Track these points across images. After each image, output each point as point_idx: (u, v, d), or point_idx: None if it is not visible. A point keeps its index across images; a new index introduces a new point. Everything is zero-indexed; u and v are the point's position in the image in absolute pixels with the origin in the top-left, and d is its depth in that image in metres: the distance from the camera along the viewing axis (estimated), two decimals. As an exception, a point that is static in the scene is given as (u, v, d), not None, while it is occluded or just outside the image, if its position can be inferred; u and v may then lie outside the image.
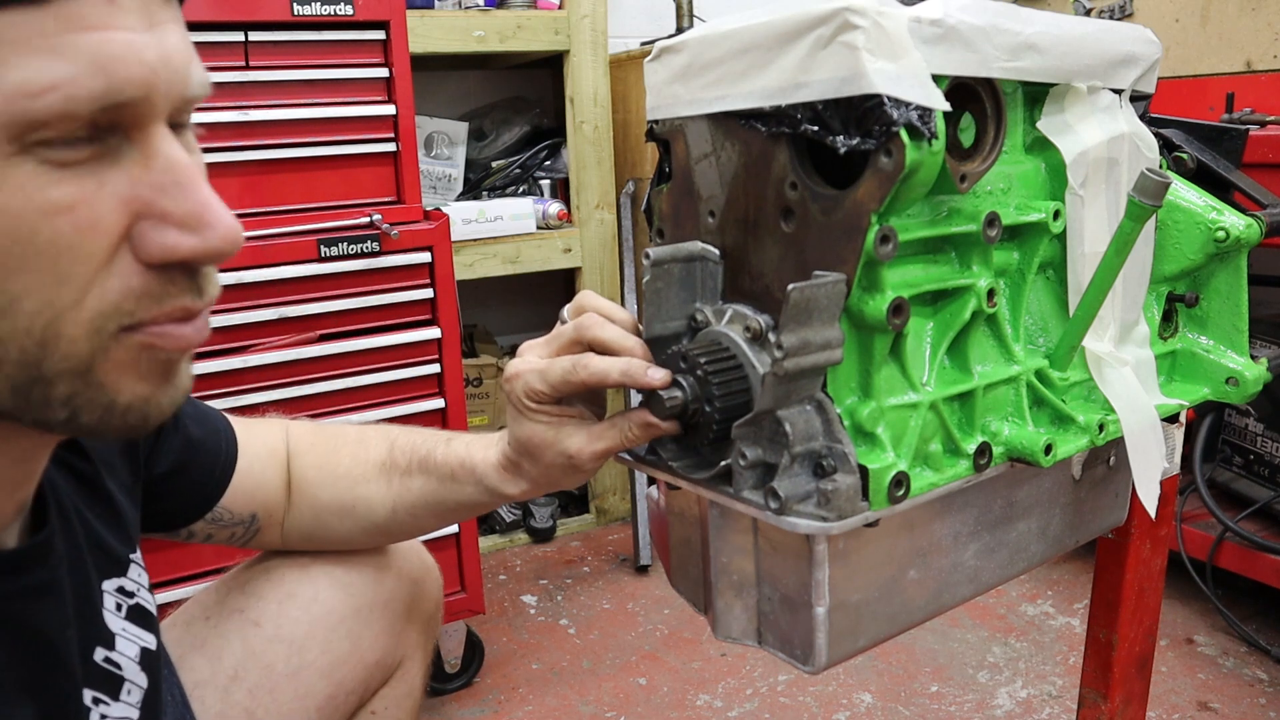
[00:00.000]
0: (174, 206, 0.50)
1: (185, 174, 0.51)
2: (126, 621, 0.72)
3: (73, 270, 0.48)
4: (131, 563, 0.76)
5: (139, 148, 0.50)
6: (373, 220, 1.68)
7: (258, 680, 0.91)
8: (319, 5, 1.60)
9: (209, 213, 0.51)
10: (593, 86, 2.31)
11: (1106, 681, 1.03)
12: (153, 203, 0.50)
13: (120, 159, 0.49)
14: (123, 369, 0.52)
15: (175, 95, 0.50)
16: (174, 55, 0.50)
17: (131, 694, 0.70)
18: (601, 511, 2.53)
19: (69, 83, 0.45)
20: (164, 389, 0.54)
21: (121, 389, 0.52)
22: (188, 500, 0.88)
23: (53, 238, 0.47)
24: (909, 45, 0.60)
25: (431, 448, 0.90)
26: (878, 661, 1.85)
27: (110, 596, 0.72)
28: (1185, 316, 0.90)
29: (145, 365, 0.53)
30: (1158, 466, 0.80)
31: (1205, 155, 0.89)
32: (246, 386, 1.61)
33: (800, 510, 0.63)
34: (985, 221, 0.69)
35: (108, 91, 0.46)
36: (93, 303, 0.49)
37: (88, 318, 0.49)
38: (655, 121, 0.74)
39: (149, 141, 0.50)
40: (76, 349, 0.50)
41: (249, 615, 0.93)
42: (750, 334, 0.66)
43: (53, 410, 0.51)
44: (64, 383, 0.50)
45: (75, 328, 0.49)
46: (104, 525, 0.73)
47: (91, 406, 0.52)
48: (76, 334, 0.49)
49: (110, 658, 0.69)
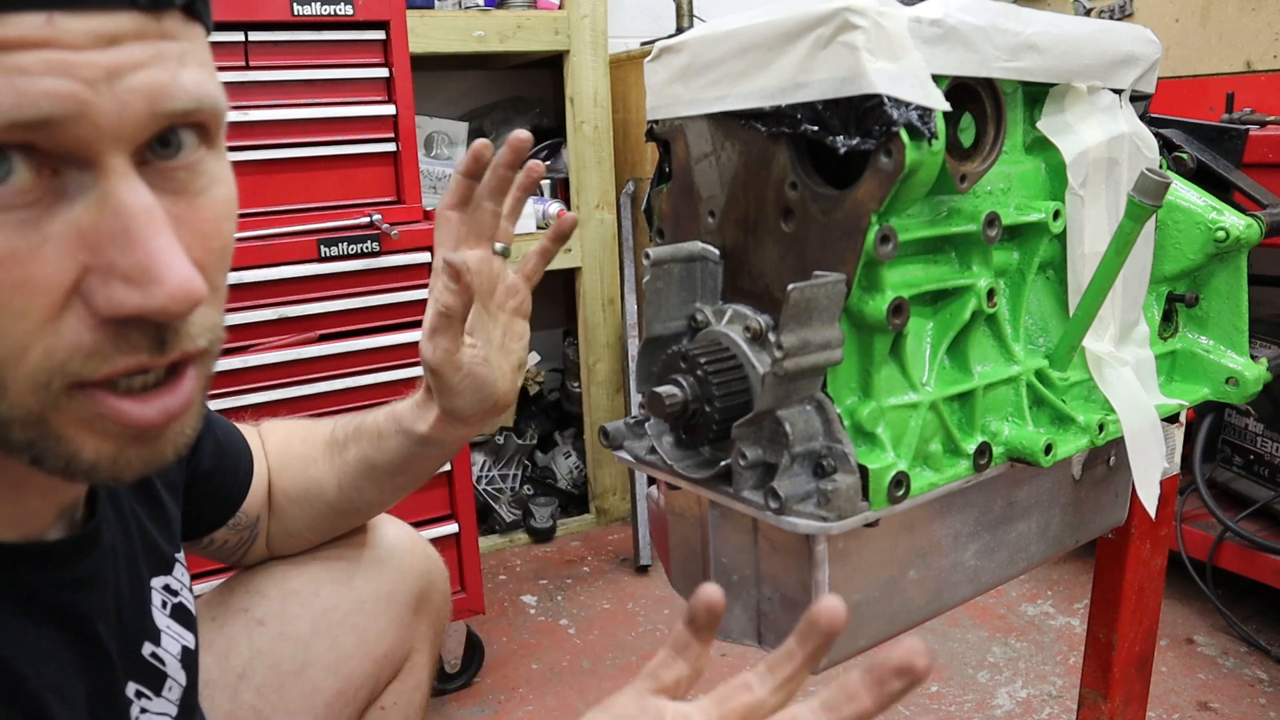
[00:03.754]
0: (120, 258, 0.45)
1: (134, 220, 0.45)
2: (170, 619, 0.73)
3: (7, 326, 0.45)
4: (176, 562, 0.77)
5: (98, 188, 0.45)
6: (373, 220, 1.68)
7: (265, 679, 0.91)
8: (319, 5, 1.60)
9: (156, 265, 0.45)
10: (593, 86, 2.31)
11: (1106, 681, 1.03)
12: (101, 252, 0.45)
13: (76, 197, 0.45)
14: (80, 426, 0.49)
15: (135, 116, 0.45)
16: (131, 68, 0.45)
17: (172, 691, 0.71)
18: (601, 511, 2.53)
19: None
20: (138, 450, 0.51)
21: (83, 445, 0.49)
22: (219, 502, 0.89)
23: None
24: (909, 45, 0.60)
25: (365, 414, 0.92)
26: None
27: (157, 594, 0.73)
28: (1185, 316, 0.90)
29: (103, 426, 0.49)
30: (1158, 466, 0.80)
31: (1205, 155, 0.89)
32: (246, 386, 1.61)
33: (800, 510, 0.63)
34: (985, 221, 0.69)
35: (16, 108, 0.42)
36: (35, 358, 0.46)
37: (28, 373, 0.46)
38: (655, 121, 0.74)
39: (105, 181, 0.45)
40: (24, 401, 0.47)
41: (253, 614, 0.93)
42: (750, 334, 0.66)
43: (17, 452, 0.49)
44: (19, 429, 0.48)
45: (16, 382, 0.46)
46: (153, 524, 0.74)
47: (52, 457, 0.49)
48: (20, 388, 0.46)
49: (156, 653, 0.70)
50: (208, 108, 0.49)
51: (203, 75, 0.49)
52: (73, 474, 0.50)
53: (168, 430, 0.52)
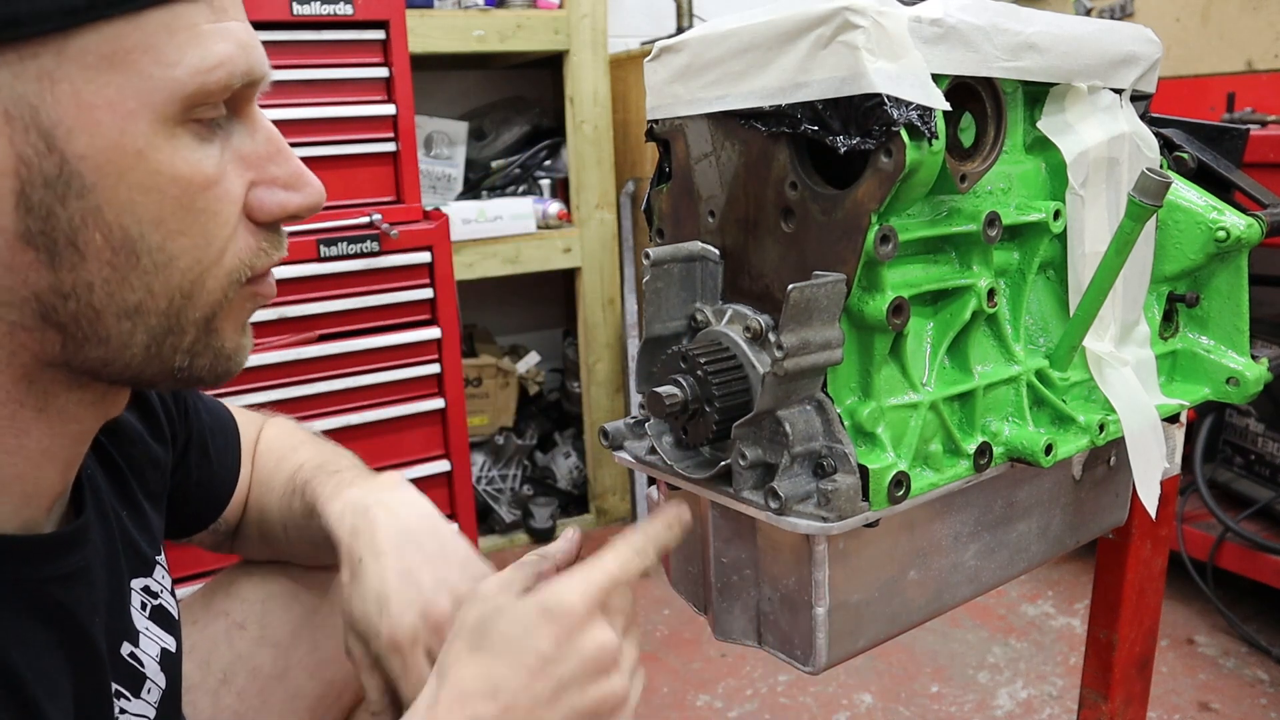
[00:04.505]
0: (280, 171, 0.58)
1: (282, 143, 0.59)
2: (149, 621, 0.73)
3: (216, 232, 0.56)
4: (157, 564, 0.77)
5: (242, 122, 0.57)
6: (372, 220, 1.68)
7: (246, 683, 0.91)
8: (319, 5, 1.60)
9: (305, 174, 0.59)
10: (593, 86, 2.31)
11: (1107, 682, 1.03)
12: (262, 169, 0.58)
13: (230, 136, 0.57)
14: (230, 319, 0.60)
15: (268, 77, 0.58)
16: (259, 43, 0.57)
17: (151, 693, 0.71)
18: (601, 511, 2.53)
19: (229, 60, 0.53)
20: (246, 339, 0.62)
21: (227, 337, 0.60)
22: (204, 506, 0.90)
23: (206, 205, 0.54)
24: (909, 45, 0.60)
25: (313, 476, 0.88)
26: (878, 662, 1.85)
27: (137, 595, 0.73)
28: (1186, 316, 0.90)
29: (242, 315, 0.61)
30: (1158, 467, 0.80)
31: (1206, 155, 0.89)
32: (247, 386, 1.60)
33: (800, 510, 0.63)
34: (985, 221, 0.69)
35: (250, 69, 0.55)
36: (229, 260, 0.57)
37: (225, 272, 0.57)
38: (655, 121, 0.74)
39: (251, 116, 0.58)
40: (213, 299, 0.57)
41: (234, 618, 0.93)
42: (750, 334, 0.66)
43: (177, 358, 0.58)
44: (192, 332, 0.57)
45: (215, 281, 0.57)
46: (134, 526, 0.74)
47: (206, 352, 0.59)
48: (215, 286, 0.57)
49: (135, 653, 0.70)
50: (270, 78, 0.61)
51: None
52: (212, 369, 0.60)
53: None
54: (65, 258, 0.51)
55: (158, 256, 0.53)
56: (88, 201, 0.50)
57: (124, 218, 0.52)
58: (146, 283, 0.54)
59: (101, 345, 0.55)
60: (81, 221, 0.51)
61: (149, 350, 0.56)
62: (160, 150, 0.52)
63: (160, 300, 0.55)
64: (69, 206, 0.50)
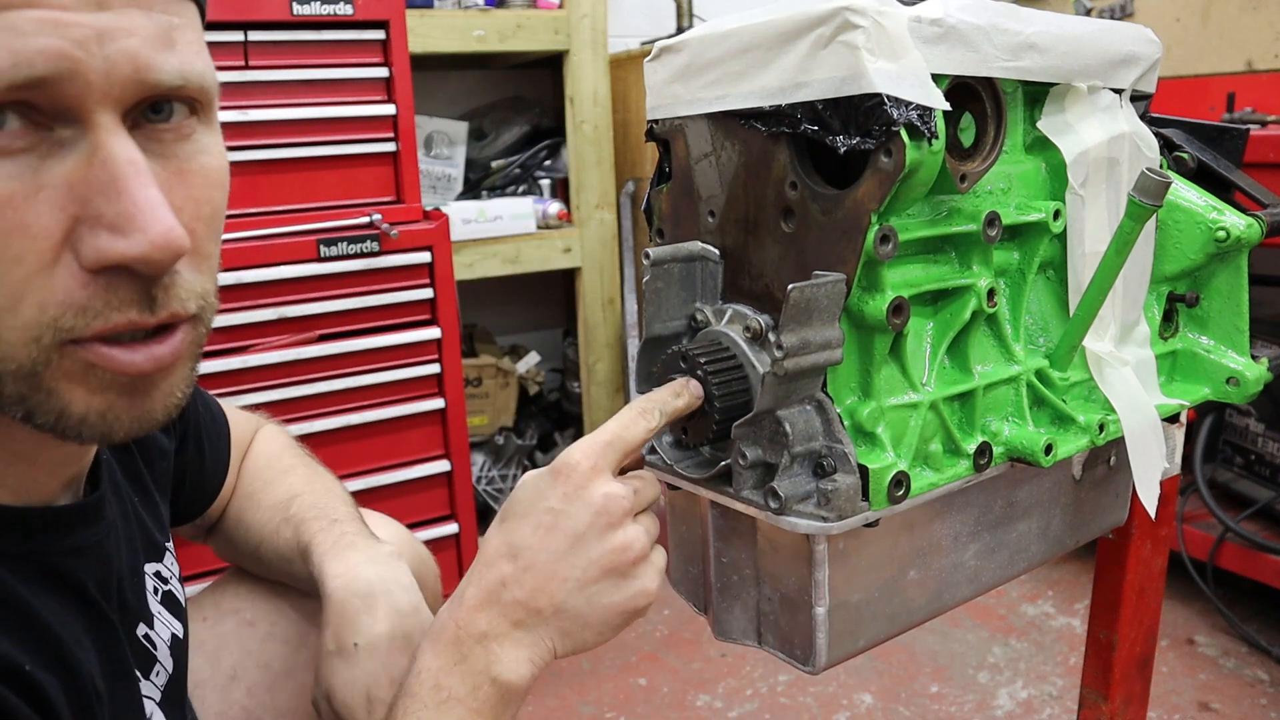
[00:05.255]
0: (106, 207, 0.47)
1: (121, 170, 0.47)
2: (161, 606, 0.74)
3: (2, 273, 0.46)
4: (167, 551, 0.78)
5: (88, 140, 0.47)
6: (372, 220, 1.68)
7: (256, 679, 0.91)
8: (319, 5, 1.60)
9: (140, 214, 0.47)
10: (593, 86, 2.31)
11: (1107, 682, 1.03)
12: (89, 203, 0.47)
13: (68, 153, 0.47)
14: (72, 379, 0.50)
15: (122, 78, 0.47)
16: (121, 34, 0.47)
17: (159, 676, 0.72)
18: (601, 511, 2.53)
19: None
20: (126, 405, 0.52)
21: (73, 400, 0.50)
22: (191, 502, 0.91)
23: None
24: (909, 45, 0.60)
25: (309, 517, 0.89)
26: (878, 662, 1.85)
27: (150, 579, 0.74)
28: (1186, 316, 0.90)
29: (97, 380, 0.50)
30: (1158, 466, 0.80)
31: (1206, 155, 0.89)
32: (246, 386, 1.61)
33: (800, 510, 0.63)
34: (985, 221, 0.69)
35: (14, 67, 0.44)
36: (29, 311, 0.47)
37: (22, 324, 0.47)
38: (655, 121, 0.74)
39: (94, 135, 0.47)
40: (16, 354, 0.48)
41: (244, 615, 0.93)
42: (750, 334, 0.66)
43: (9, 406, 0.50)
44: (11, 383, 0.49)
45: (11, 333, 0.47)
46: (146, 512, 0.75)
47: (42, 411, 0.50)
48: (13, 339, 0.48)
49: (149, 636, 0.71)
50: (194, 85, 0.51)
51: (190, 53, 0.51)
52: (63, 430, 0.51)
53: (158, 385, 0.52)
54: None
55: None
56: None
57: None
58: None
59: None
60: None
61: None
62: None
63: None
64: None
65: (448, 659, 0.62)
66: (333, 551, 0.84)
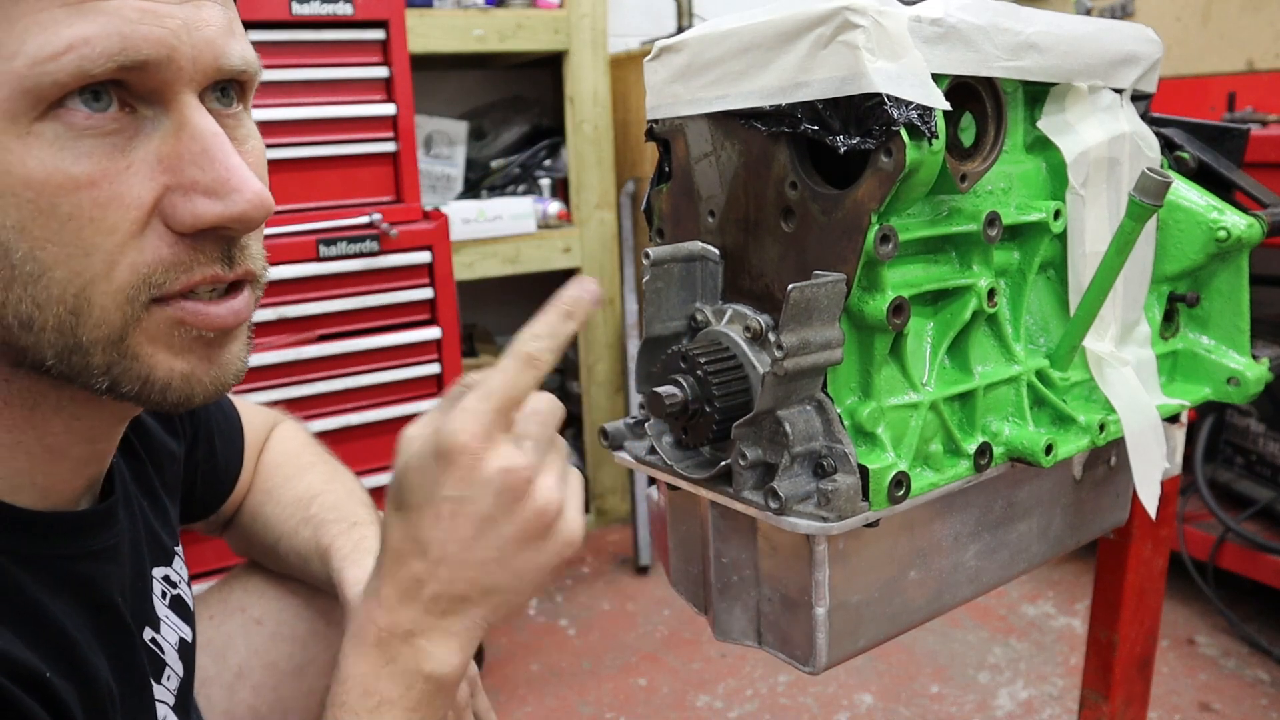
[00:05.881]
0: (200, 174, 0.52)
1: (211, 141, 0.52)
2: (169, 610, 0.75)
3: (97, 242, 0.50)
4: (175, 555, 0.78)
5: (171, 118, 0.52)
6: (372, 220, 1.67)
7: (262, 678, 0.91)
8: (319, 5, 1.60)
9: (234, 178, 0.52)
10: (593, 86, 2.31)
11: (1107, 682, 1.03)
12: (181, 172, 0.52)
13: (153, 131, 0.52)
14: (156, 343, 0.54)
15: (205, 64, 0.52)
16: (203, 25, 0.52)
17: (170, 680, 0.72)
18: (601, 512, 2.53)
19: (84, 43, 0.47)
20: (205, 368, 0.56)
21: (157, 363, 0.54)
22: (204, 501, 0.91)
23: (73, 211, 0.49)
24: (909, 44, 0.60)
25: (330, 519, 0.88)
26: (878, 662, 1.85)
27: (157, 583, 0.74)
28: (1186, 316, 0.90)
29: (180, 341, 0.54)
30: (1159, 467, 0.80)
31: (1206, 155, 0.89)
32: (246, 386, 1.60)
33: (800, 510, 0.63)
34: (986, 221, 0.69)
35: (123, 50, 0.48)
36: (122, 274, 0.51)
37: (117, 288, 0.51)
38: (655, 121, 0.74)
39: (179, 111, 0.52)
40: (108, 318, 0.52)
41: (251, 613, 0.93)
42: (750, 334, 0.66)
43: (94, 378, 0.53)
44: (99, 352, 0.52)
45: (105, 298, 0.51)
46: (155, 516, 0.76)
47: (128, 378, 0.54)
48: (107, 304, 0.51)
49: (156, 640, 0.71)
50: (252, 70, 0.57)
51: (246, 42, 0.57)
52: (148, 395, 0.54)
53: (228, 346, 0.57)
54: None
55: (30, 267, 0.50)
56: None
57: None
58: (31, 295, 0.50)
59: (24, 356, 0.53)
60: None
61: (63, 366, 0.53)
62: (10, 152, 0.48)
63: (48, 315, 0.51)
64: None
65: (374, 663, 0.59)
66: (353, 556, 0.83)
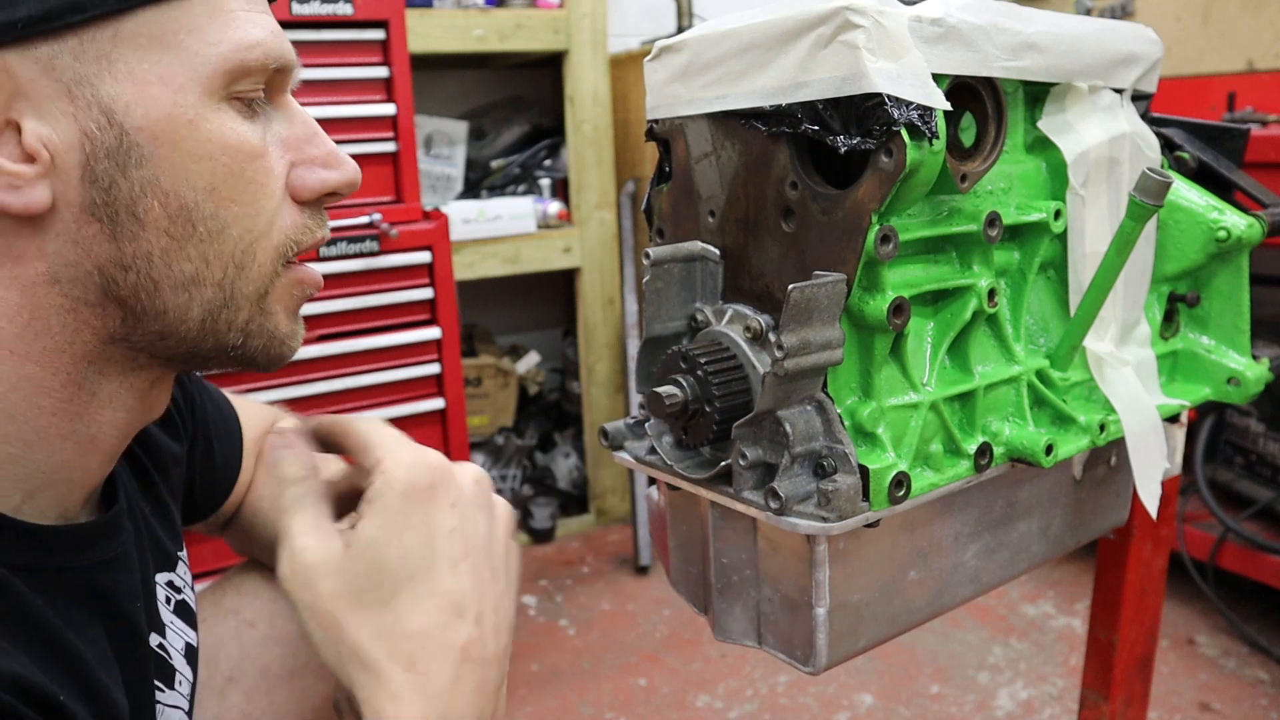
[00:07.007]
0: (316, 151, 0.63)
1: (317, 127, 0.64)
2: (174, 615, 0.75)
3: (264, 204, 0.60)
4: (179, 560, 0.78)
5: (277, 108, 0.62)
6: (372, 220, 1.67)
7: (254, 682, 0.90)
8: (319, 5, 1.60)
9: (338, 154, 0.64)
10: (592, 86, 2.31)
11: (1107, 682, 1.03)
12: (300, 150, 0.62)
13: (271, 120, 0.61)
14: (281, 301, 0.63)
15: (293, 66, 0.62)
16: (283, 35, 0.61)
17: (181, 685, 0.73)
18: (601, 512, 2.53)
19: (264, 43, 0.58)
20: (299, 327, 0.65)
21: (280, 320, 0.63)
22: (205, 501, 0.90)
23: (254, 175, 0.59)
24: (909, 44, 0.60)
25: None
26: (878, 662, 1.85)
27: (161, 589, 0.74)
28: (1186, 316, 0.90)
29: (293, 301, 0.64)
30: (1159, 467, 0.80)
31: (1207, 155, 0.89)
32: (245, 386, 1.60)
33: (800, 510, 0.63)
34: (986, 221, 0.68)
35: (282, 54, 0.59)
36: (278, 234, 0.61)
37: (275, 245, 0.61)
38: (655, 121, 0.74)
39: (286, 102, 0.63)
40: (263, 273, 0.60)
41: (244, 616, 0.93)
42: (750, 334, 0.66)
43: (231, 335, 0.61)
44: (246, 307, 0.60)
45: (264, 254, 0.60)
46: (158, 522, 0.76)
47: (260, 333, 0.62)
48: (264, 260, 0.60)
49: (164, 645, 0.72)
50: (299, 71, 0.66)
51: None
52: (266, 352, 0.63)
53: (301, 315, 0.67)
54: (126, 228, 0.56)
55: (211, 224, 0.57)
56: (146, 171, 0.55)
57: (180, 185, 0.56)
58: (202, 251, 0.57)
59: (159, 319, 0.58)
60: (141, 190, 0.55)
61: (204, 325, 0.59)
62: (210, 120, 0.56)
63: (215, 270, 0.58)
64: (130, 176, 0.55)
65: None
66: None
